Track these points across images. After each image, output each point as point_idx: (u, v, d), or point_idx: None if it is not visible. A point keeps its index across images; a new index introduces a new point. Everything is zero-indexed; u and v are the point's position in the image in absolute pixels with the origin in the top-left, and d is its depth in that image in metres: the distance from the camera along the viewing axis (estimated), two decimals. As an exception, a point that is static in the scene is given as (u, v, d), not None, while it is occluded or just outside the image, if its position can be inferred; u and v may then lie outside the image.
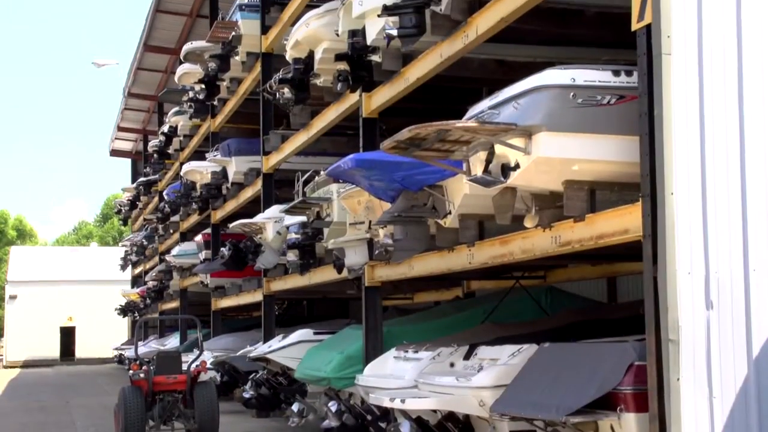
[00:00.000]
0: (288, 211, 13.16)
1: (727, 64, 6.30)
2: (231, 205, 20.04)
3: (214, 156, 19.68)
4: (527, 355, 7.66)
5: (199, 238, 22.78)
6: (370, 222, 10.72)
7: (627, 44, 6.87)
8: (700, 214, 6.20)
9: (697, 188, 6.21)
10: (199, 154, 23.24)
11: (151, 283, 29.42)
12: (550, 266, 12.65)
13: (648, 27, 6.30)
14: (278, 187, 17.31)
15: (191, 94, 20.96)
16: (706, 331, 6.11)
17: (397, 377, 9.41)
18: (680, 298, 6.08)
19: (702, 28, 6.26)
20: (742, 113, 6.31)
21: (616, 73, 6.83)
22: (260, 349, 15.15)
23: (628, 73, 6.80)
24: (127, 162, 43.69)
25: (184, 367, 13.78)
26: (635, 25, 6.42)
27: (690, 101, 6.22)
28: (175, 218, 26.57)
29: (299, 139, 15.29)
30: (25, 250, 57.76)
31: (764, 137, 6.37)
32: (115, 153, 41.93)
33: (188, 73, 21.02)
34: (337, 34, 11.54)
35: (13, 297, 50.45)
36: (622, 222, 6.67)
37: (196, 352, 15.04)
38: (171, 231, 28.80)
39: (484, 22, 8.78)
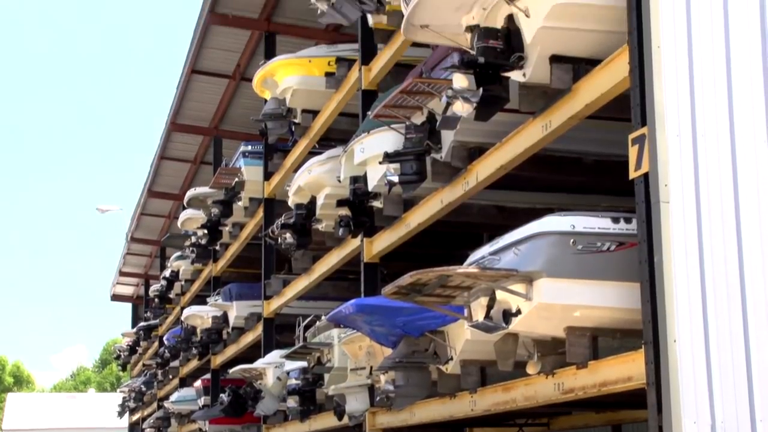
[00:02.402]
0: (288, 357, 13.06)
1: (725, 211, 6.36)
2: (231, 350, 19.89)
3: (215, 300, 19.66)
4: (532, 506, 7.49)
5: (198, 383, 22.53)
6: (371, 368, 10.63)
7: (625, 191, 6.95)
8: (704, 362, 6.14)
9: (700, 335, 6.18)
10: (200, 299, 23.21)
11: (149, 431, 28.94)
12: (554, 413, 12.47)
13: (645, 175, 6.38)
14: (279, 331, 17.22)
15: (193, 239, 21.09)
16: (714, 481, 5.98)
17: None
18: (686, 447, 5.98)
19: (699, 176, 6.35)
20: (742, 260, 6.33)
21: (616, 220, 6.89)
22: (259, 498, 14.82)
23: (628, 220, 6.86)
24: (127, 306, 43.53)
25: None
26: (633, 174, 6.51)
27: (690, 248, 6.25)
28: (174, 363, 26.34)
29: (300, 284, 15.30)
30: (22, 397, 57.06)
31: (765, 282, 6.37)
32: (116, 298, 41.83)
33: (191, 219, 21.20)
34: (339, 181, 11.70)
35: (7, 445, 49.61)
36: (625, 369, 6.60)
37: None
38: (170, 376, 28.51)
39: (483, 169, 8.91)
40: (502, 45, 7.54)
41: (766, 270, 6.38)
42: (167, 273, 26.07)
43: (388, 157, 9.63)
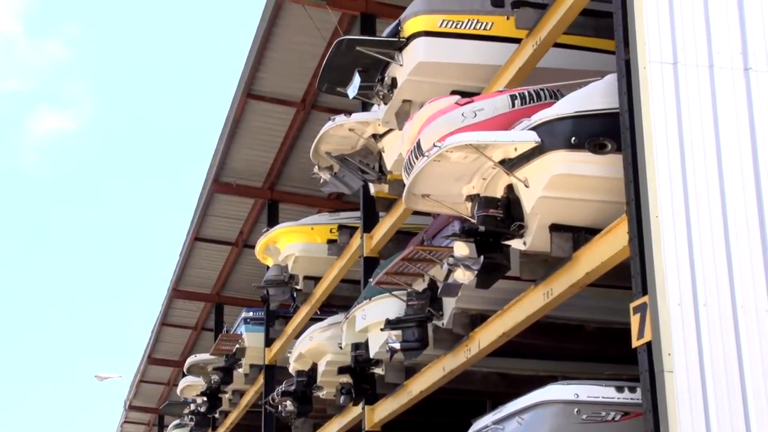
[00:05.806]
0: None
1: (730, 382, 6.31)
2: None
3: (213, 471, 19.31)
4: None
5: None
6: None
7: (629, 359, 6.91)
8: None
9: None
10: (197, 468, 22.74)
11: None
12: None
13: (648, 344, 6.35)
14: (278, 502, 16.83)
15: (193, 406, 20.82)
16: None
17: None
18: None
19: (702, 345, 6.33)
20: (748, 417, 6.26)
21: (620, 389, 6.84)
22: None
23: (632, 389, 6.80)
24: (123, 476, 42.61)
25: None
26: (635, 342, 6.49)
27: (696, 418, 6.17)
28: None
29: (301, 453, 15.03)
30: None
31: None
32: (111, 467, 41.00)
33: (191, 386, 20.99)
34: (341, 347, 11.66)
35: None
36: None
37: None
38: None
39: (486, 336, 8.89)
40: (502, 214, 7.64)
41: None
42: (165, 441, 25.65)
43: (390, 324, 9.64)
